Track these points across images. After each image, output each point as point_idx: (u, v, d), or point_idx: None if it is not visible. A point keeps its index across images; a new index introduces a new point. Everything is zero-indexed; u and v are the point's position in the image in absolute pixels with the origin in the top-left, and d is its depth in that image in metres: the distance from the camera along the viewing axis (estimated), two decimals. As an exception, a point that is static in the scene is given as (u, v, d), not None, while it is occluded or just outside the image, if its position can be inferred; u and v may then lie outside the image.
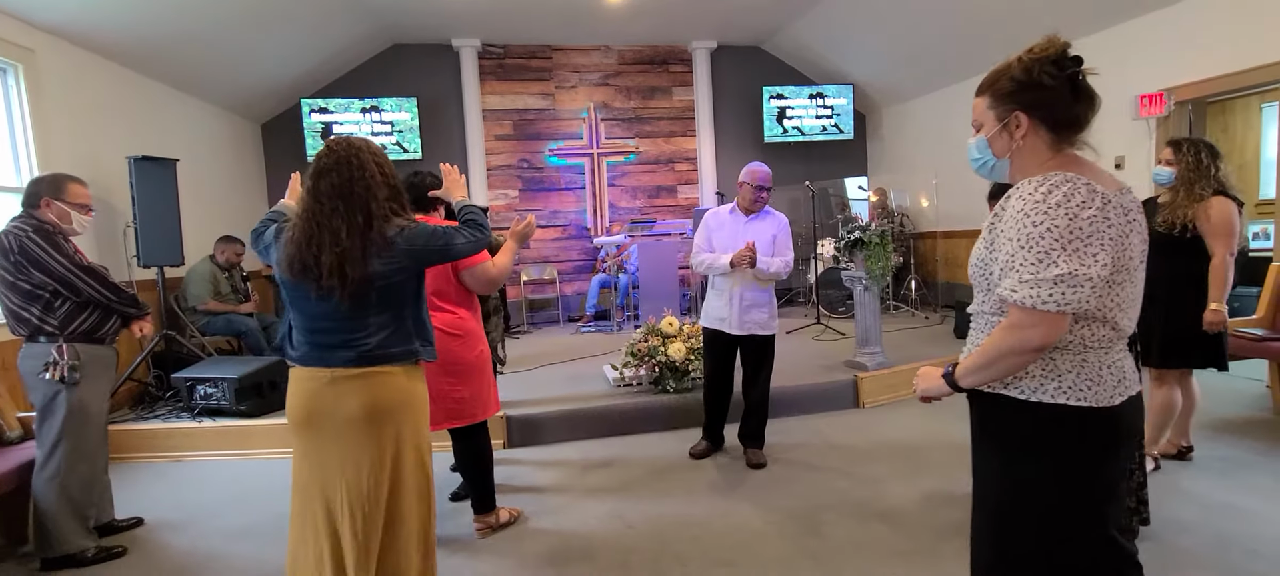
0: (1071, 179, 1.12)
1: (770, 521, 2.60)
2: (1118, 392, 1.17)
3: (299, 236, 1.58)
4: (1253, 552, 2.19)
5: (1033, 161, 1.23)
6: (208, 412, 3.84)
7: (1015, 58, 1.21)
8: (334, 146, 1.61)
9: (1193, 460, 2.96)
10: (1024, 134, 1.22)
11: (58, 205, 2.43)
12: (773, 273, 3.04)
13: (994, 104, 1.25)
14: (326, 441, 1.62)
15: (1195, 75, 4.30)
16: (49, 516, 2.40)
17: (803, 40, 7.23)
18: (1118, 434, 1.18)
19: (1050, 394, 1.17)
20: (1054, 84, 1.18)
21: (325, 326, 1.62)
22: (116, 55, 4.50)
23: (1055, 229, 1.10)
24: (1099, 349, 1.17)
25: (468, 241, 1.76)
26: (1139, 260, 1.20)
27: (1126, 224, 1.16)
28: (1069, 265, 1.09)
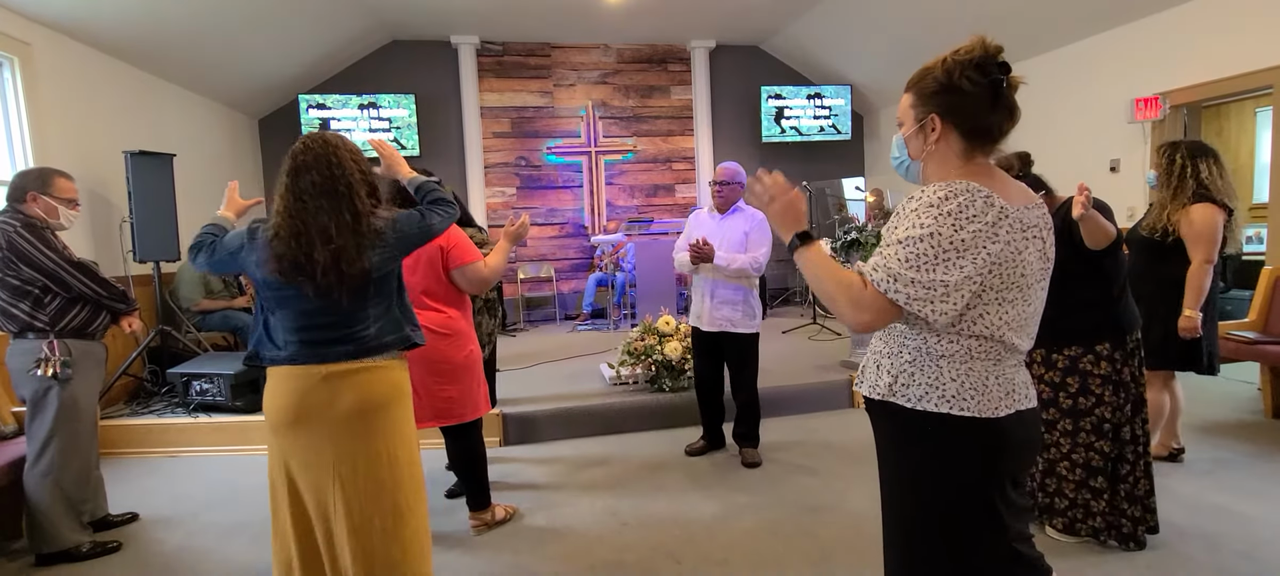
0: (971, 189, 1.10)
1: (764, 520, 2.61)
2: (1004, 405, 1.16)
3: (286, 234, 1.55)
4: (1244, 554, 2.20)
5: (942, 167, 1.20)
6: (203, 408, 3.84)
7: (940, 58, 1.18)
8: (310, 143, 1.59)
9: (1183, 462, 2.98)
10: (937, 138, 1.19)
11: (45, 200, 2.41)
12: (736, 268, 3.03)
13: (917, 103, 1.22)
14: (317, 440, 1.60)
15: (1190, 79, 4.33)
16: (42, 512, 2.39)
17: (801, 41, 7.25)
18: (1002, 445, 1.17)
19: (933, 402, 1.16)
20: (973, 90, 1.14)
21: (320, 323, 1.61)
22: (113, 49, 4.49)
23: (939, 236, 1.09)
24: (986, 360, 1.16)
25: (442, 218, 1.76)
26: (1035, 277, 1.17)
27: (1023, 240, 1.14)
28: (933, 274, 1.09)
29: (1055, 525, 2.33)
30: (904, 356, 1.21)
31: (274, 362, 1.64)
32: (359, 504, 1.60)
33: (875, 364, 1.28)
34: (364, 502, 1.61)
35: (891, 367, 1.23)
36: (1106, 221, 2.09)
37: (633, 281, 6.12)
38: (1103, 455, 2.22)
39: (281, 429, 1.62)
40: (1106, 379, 2.21)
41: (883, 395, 1.23)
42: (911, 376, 1.19)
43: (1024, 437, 1.21)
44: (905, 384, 1.20)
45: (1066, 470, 2.28)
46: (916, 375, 1.19)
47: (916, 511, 1.24)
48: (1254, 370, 3.84)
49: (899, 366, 1.21)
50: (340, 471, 1.60)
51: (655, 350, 3.92)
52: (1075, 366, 2.23)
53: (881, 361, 1.26)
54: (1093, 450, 2.23)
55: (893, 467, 1.28)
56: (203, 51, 5.12)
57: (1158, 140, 4.58)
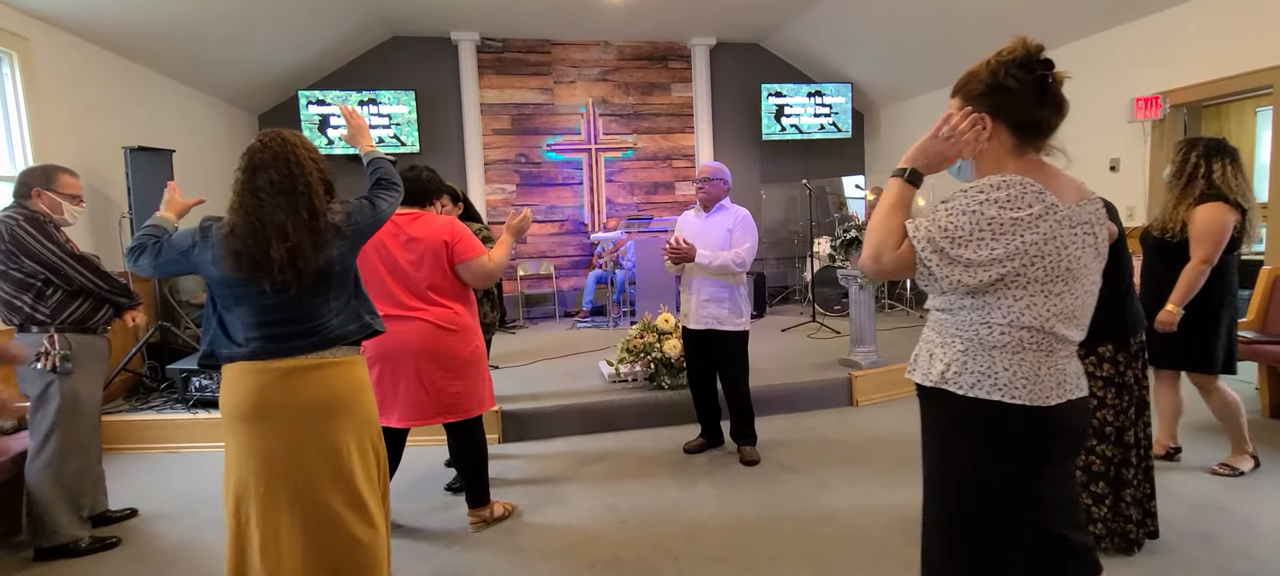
0: (1023, 182, 1.15)
1: (763, 518, 2.62)
2: (1055, 394, 1.20)
3: (243, 231, 1.56)
4: (1239, 553, 2.21)
5: (995, 163, 1.25)
6: (202, 404, 3.84)
7: (985, 60, 1.23)
8: (268, 141, 1.61)
9: (1179, 461, 2.99)
10: (989, 136, 1.24)
11: (49, 195, 2.44)
12: (718, 265, 3.03)
13: (965, 104, 1.26)
14: (274, 435, 1.60)
15: (1190, 79, 4.32)
16: (43, 506, 2.40)
17: (802, 38, 7.24)
18: (1053, 433, 1.21)
19: (985, 390, 1.20)
20: (1019, 87, 1.19)
21: (281, 318, 1.61)
22: (112, 45, 4.48)
23: (979, 216, 1.14)
24: (1037, 351, 1.20)
25: (389, 202, 1.79)
26: (1082, 270, 1.21)
27: (1070, 235, 1.18)
28: (961, 250, 1.16)
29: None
30: (956, 346, 1.24)
31: (232, 359, 1.64)
32: (311, 497, 1.61)
33: (928, 352, 1.31)
34: (317, 496, 1.61)
35: (944, 356, 1.26)
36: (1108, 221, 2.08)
37: (632, 279, 6.12)
38: (1104, 459, 2.20)
39: (239, 424, 1.61)
40: (1109, 381, 2.19)
41: (935, 382, 1.27)
42: (964, 365, 1.23)
43: (1074, 425, 1.25)
44: (958, 372, 1.23)
45: (1066, 472, 2.28)
46: (969, 364, 1.22)
47: (964, 495, 1.26)
48: (1252, 370, 3.84)
49: (952, 355, 1.25)
50: (296, 465, 1.61)
51: (654, 348, 3.92)
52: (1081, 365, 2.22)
53: (934, 350, 1.29)
54: (1094, 454, 2.21)
55: (942, 453, 1.30)
56: (202, 47, 5.11)
57: (1158, 140, 4.58)
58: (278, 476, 1.61)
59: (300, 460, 1.61)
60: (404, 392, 2.33)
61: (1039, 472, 1.22)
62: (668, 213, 7.60)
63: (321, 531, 1.62)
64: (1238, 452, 2.87)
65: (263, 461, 1.61)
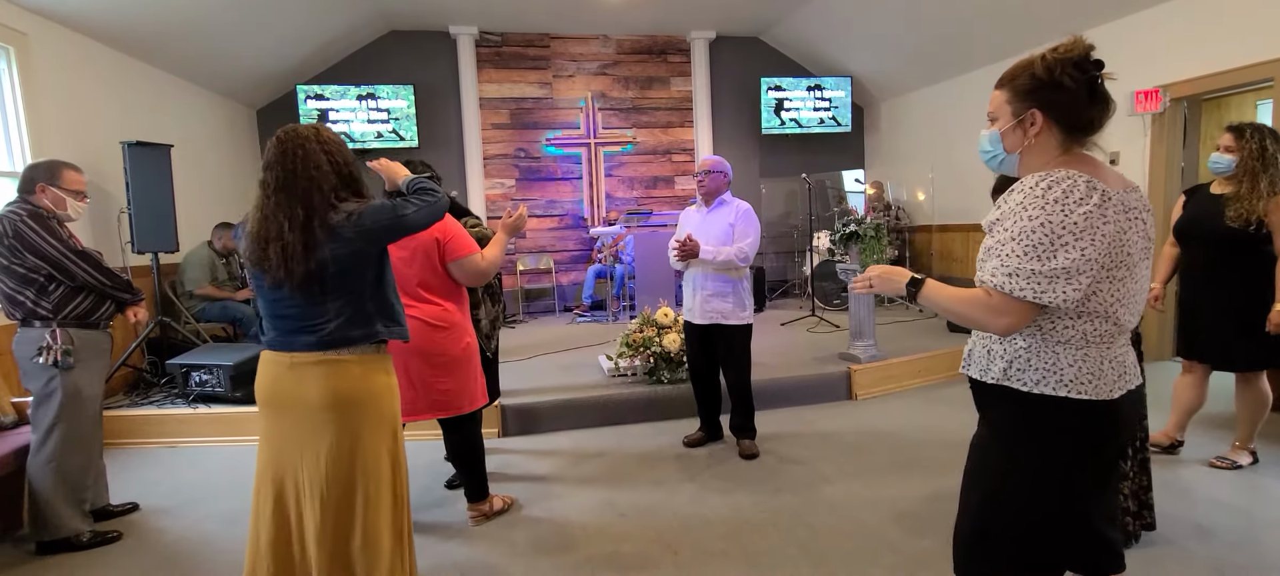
0: (1072, 176, 1.15)
1: (761, 512, 2.63)
2: (1118, 386, 1.21)
3: (252, 229, 1.61)
4: (1237, 547, 2.22)
5: (1041, 160, 1.25)
6: (203, 399, 3.85)
7: (1039, 55, 1.22)
8: (281, 138, 1.61)
9: (1179, 455, 3.00)
10: (1038, 132, 1.23)
11: (53, 191, 2.44)
12: (721, 261, 3.03)
13: (1012, 99, 1.26)
14: (288, 425, 1.65)
15: (1191, 72, 4.31)
16: (44, 500, 2.41)
17: (802, 32, 7.21)
18: (1115, 426, 1.23)
19: (1052, 387, 1.20)
20: (1073, 86, 1.19)
21: (286, 312, 1.64)
22: (110, 39, 4.47)
23: (1049, 224, 1.13)
24: (1100, 343, 1.20)
25: (418, 209, 1.70)
26: (1140, 256, 1.22)
27: (1126, 221, 1.19)
28: (1053, 261, 1.13)
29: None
30: (1018, 342, 1.24)
31: (262, 345, 1.73)
32: (319, 491, 1.63)
33: (985, 349, 1.30)
34: (323, 491, 1.63)
35: (1005, 353, 1.26)
36: None
37: (632, 273, 6.12)
38: None
39: (262, 409, 1.70)
40: None
41: (997, 380, 1.26)
42: (1027, 362, 1.22)
43: (1132, 415, 1.28)
44: (1021, 369, 1.23)
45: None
46: (1032, 360, 1.22)
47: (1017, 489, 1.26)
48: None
49: (1014, 352, 1.24)
50: (305, 460, 1.64)
51: (654, 342, 3.92)
52: None
53: (993, 347, 1.29)
54: None
55: (996, 446, 1.31)
56: (200, 42, 5.09)
57: (1158, 133, 4.57)
58: (291, 464, 1.65)
59: (306, 454, 1.63)
60: None
61: (1088, 463, 1.23)
62: (667, 207, 7.59)
63: (325, 525, 1.63)
64: (1241, 446, 2.84)
65: (278, 450, 1.67)
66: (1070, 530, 1.27)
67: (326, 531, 1.63)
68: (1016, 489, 1.26)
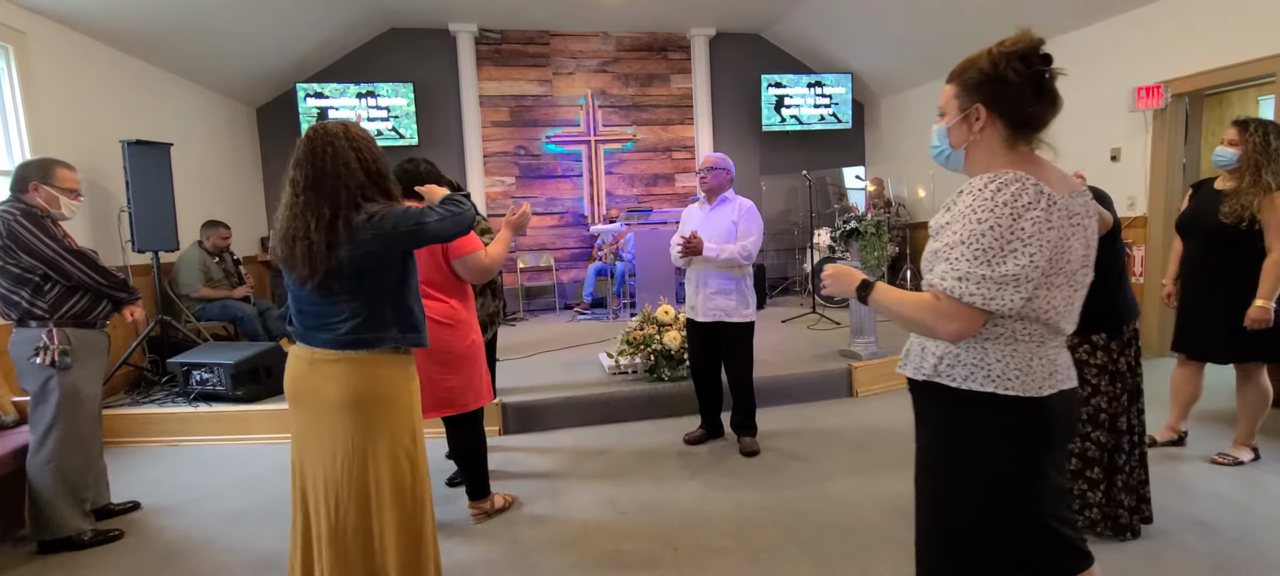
0: (1021, 178, 1.14)
1: (763, 509, 2.63)
2: (1047, 385, 1.21)
3: (282, 227, 1.62)
4: (1236, 541, 2.22)
5: (987, 156, 1.24)
6: (204, 397, 3.85)
7: (985, 49, 1.21)
8: (310, 136, 1.61)
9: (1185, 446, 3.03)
10: (982, 127, 1.22)
11: (46, 189, 2.43)
12: (725, 259, 3.03)
13: (959, 93, 1.25)
14: (308, 420, 1.68)
15: (1192, 67, 4.30)
16: (45, 500, 2.41)
17: (802, 28, 7.20)
18: (1045, 424, 1.21)
19: (979, 382, 1.21)
20: (1017, 80, 1.17)
21: (308, 309, 1.67)
22: (109, 38, 4.46)
23: (998, 227, 1.12)
24: (1030, 342, 1.20)
25: (440, 219, 1.68)
26: (1079, 264, 1.21)
27: (1069, 227, 1.17)
28: (1003, 267, 1.13)
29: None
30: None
31: (291, 337, 1.76)
32: (335, 491, 1.64)
33: (919, 345, 1.31)
34: (339, 491, 1.64)
35: (937, 349, 1.26)
36: (1103, 210, 2.08)
37: (632, 271, 6.11)
38: (1099, 445, 2.22)
39: (289, 402, 1.73)
40: (1103, 369, 2.21)
41: (928, 376, 1.27)
42: (957, 358, 1.23)
43: (1066, 415, 1.26)
44: (950, 365, 1.24)
45: (1062, 459, 2.29)
46: (962, 356, 1.23)
47: (957, 487, 1.28)
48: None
49: (944, 348, 1.25)
50: (322, 456, 1.65)
51: (654, 340, 3.92)
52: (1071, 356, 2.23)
53: (926, 343, 1.29)
54: (1088, 441, 2.23)
55: (935, 446, 1.32)
56: (199, 40, 5.08)
57: (1160, 129, 4.56)
58: (310, 461, 1.67)
59: (323, 452, 1.65)
60: None
61: (1031, 462, 1.22)
62: (667, 205, 7.59)
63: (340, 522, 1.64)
64: (1242, 443, 2.84)
65: (300, 445, 1.70)
66: (1026, 529, 1.25)
67: (338, 531, 1.63)
68: (960, 487, 1.27)
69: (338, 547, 1.64)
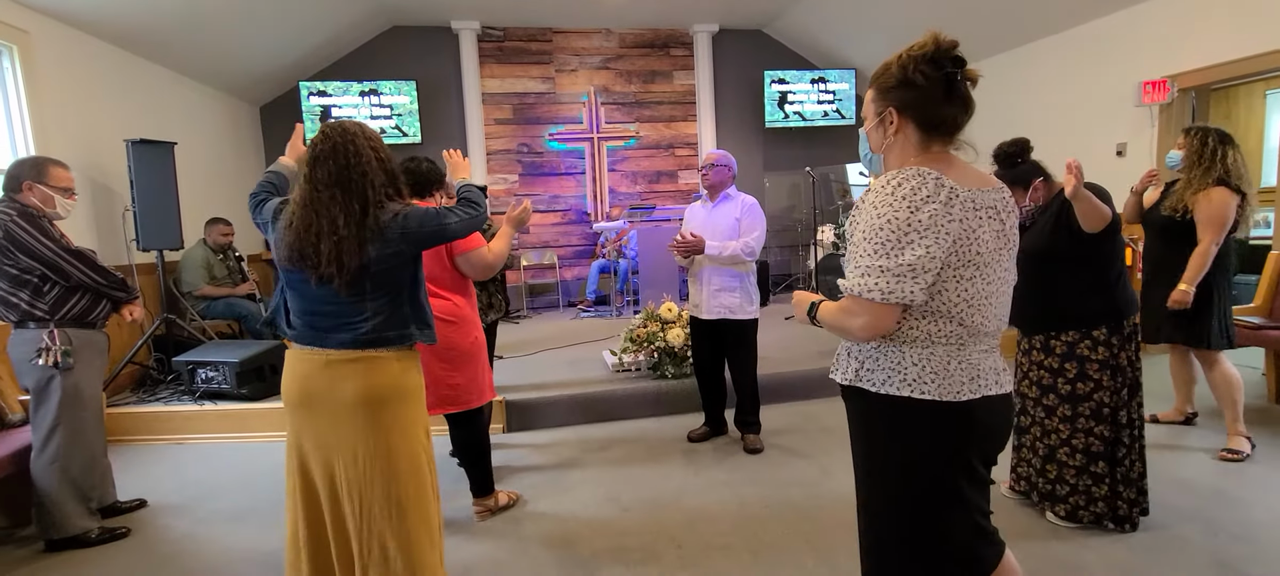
0: (921, 173, 1.15)
1: (766, 505, 2.63)
2: (967, 389, 1.19)
3: (299, 225, 1.58)
4: (1239, 537, 2.21)
5: (902, 158, 1.25)
6: (209, 396, 3.86)
7: (897, 54, 1.22)
8: (329, 132, 1.61)
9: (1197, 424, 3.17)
10: (896, 130, 1.24)
11: (41, 189, 2.41)
12: (728, 256, 3.03)
13: (876, 97, 1.27)
14: (323, 423, 1.64)
15: (1199, 62, 4.27)
16: (51, 499, 2.42)
17: (805, 24, 7.17)
18: (965, 429, 1.21)
19: (896, 387, 1.21)
20: (925, 84, 1.18)
21: (323, 310, 1.63)
22: (112, 37, 4.47)
23: (895, 221, 1.14)
24: (947, 344, 1.20)
25: (460, 220, 1.73)
26: (991, 257, 1.20)
27: (977, 220, 1.18)
28: (900, 258, 1.14)
29: (1057, 512, 2.33)
30: (868, 345, 1.26)
31: (287, 338, 1.71)
32: (358, 491, 1.63)
33: (846, 350, 1.33)
34: (362, 491, 1.63)
35: (858, 354, 1.29)
36: (1101, 203, 2.07)
37: (635, 268, 6.11)
38: (1102, 440, 2.23)
39: (293, 408, 1.67)
40: (1104, 364, 2.21)
41: (850, 381, 1.30)
42: (876, 362, 1.25)
43: (991, 423, 1.24)
44: (870, 370, 1.26)
45: (1066, 456, 2.28)
46: (880, 360, 1.24)
47: (882, 490, 1.30)
48: (1259, 355, 3.82)
49: (864, 354, 1.27)
50: (342, 457, 1.63)
51: (657, 337, 3.92)
52: (1073, 351, 2.23)
53: (851, 348, 1.32)
54: (1092, 436, 2.24)
55: (861, 449, 1.35)
56: (202, 38, 5.09)
57: (1166, 124, 4.53)
58: (327, 462, 1.64)
59: (342, 453, 1.62)
60: None
61: (952, 465, 1.22)
62: (671, 202, 7.58)
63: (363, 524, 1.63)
64: (1234, 434, 2.91)
65: (310, 450, 1.65)
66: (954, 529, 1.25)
67: (365, 531, 1.63)
68: (888, 491, 1.28)
69: (363, 547, 1.63)
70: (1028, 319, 2.35)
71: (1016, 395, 2.46)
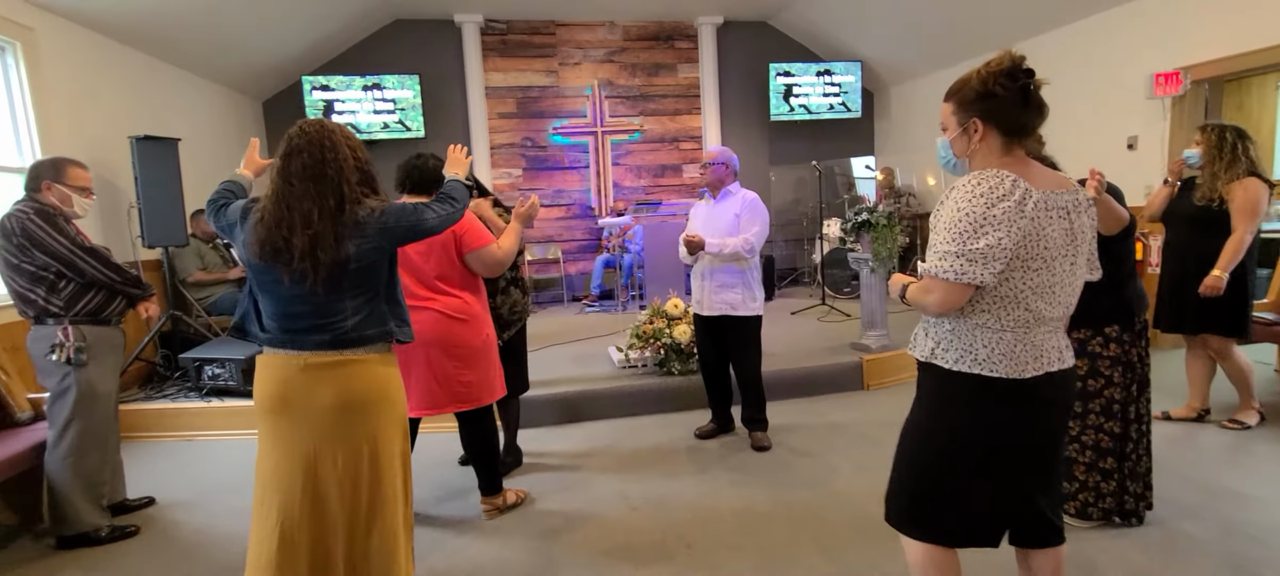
0: (999, 173, 1.30)
1: (775, 504, 2.62)
2: (1031, 367, 1.35)
3: (269, 219, 1.54)
4: (1253, 539, 2.19)
5: (985, 161, 1.39)
6: (216, 392, 3.87)
7: (975, 70, 1.38)
8: (305, 127, 1.59)
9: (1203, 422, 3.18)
10: (981, 137, 1.38)
11: (59, 188, 2.44)
12: (729, 253, 3.01)
13: (957, 110, 1.41)
14: (301, 428, 1.60)
15: (1212, 54, 4.21)
16: (63, 496, 2.44)
17: (811, 16, 7.11)
18: (1028, 402, 1.36)
19: (968, 365, 1.36)
20: (1006, 94, 1.33)
21: (298, 310, 1.59)
22: (116, 33, 4.46)
23: (973, 214, 1.29)
24: (1016, 328, 1.34)
25: (437, 216, 1.70)
26: (1059, 252, 1.34)
27: (1047, 218, 1.31)
28: (973, 244, 1.28)
29: (1067, 509, 2.32)
30: (945, 326, 1.42)
31: (258, 342, 1.66)
32: (336, 494, 1.61)
33: (923, 331, 1.49)
34: (340, 494, 1.61)
35: (934, 334, 1.44)
36: (1119, 206, 2.09)
37: (640, 262, 6.09)
38: (1111, 436, 2.24)
39: (267, 414, 1.63)
40: (1115, 360, 2.22)
41: (926, 357, 1.45)
42: (950, 342, 1.40)
43: (1052, 396, 1.39)
44: (945, 349, 1.40)
45: (1076, 452, 2.29)
46: (954, 341, 1.39)
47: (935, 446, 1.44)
48: (1271, 351, 3.79)
49: (940, 334, 1.43)
50: (319, 461, 1.60)
51: (664, 333, 3.91)
52: (1084, 348, 2.24)
53: (928, 329, 1.48)
54: (1102, 432, 2.25)
55: (924, 411, 1.48)
56: (205, 34, 5.07)
57: (1178, 116, 4.48)
58: (300, 470, 1.60)
59: (321, 456, 1.60)
60: (416, 383, 2.33)
61: (1003, 432, 1.38)
62: (675, 196, 7.55)
63: (344, 525, 1.62)
64: (1245, 408, 3.12)
65: (286, 455, 1.61)
66: (999, 500, 1.41)
67: (349, 532, 1.62)
68: (936, 455, 1.43)
69: (348, 549, 1.62)
70: None
71: None
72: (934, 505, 1.44)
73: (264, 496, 1.63)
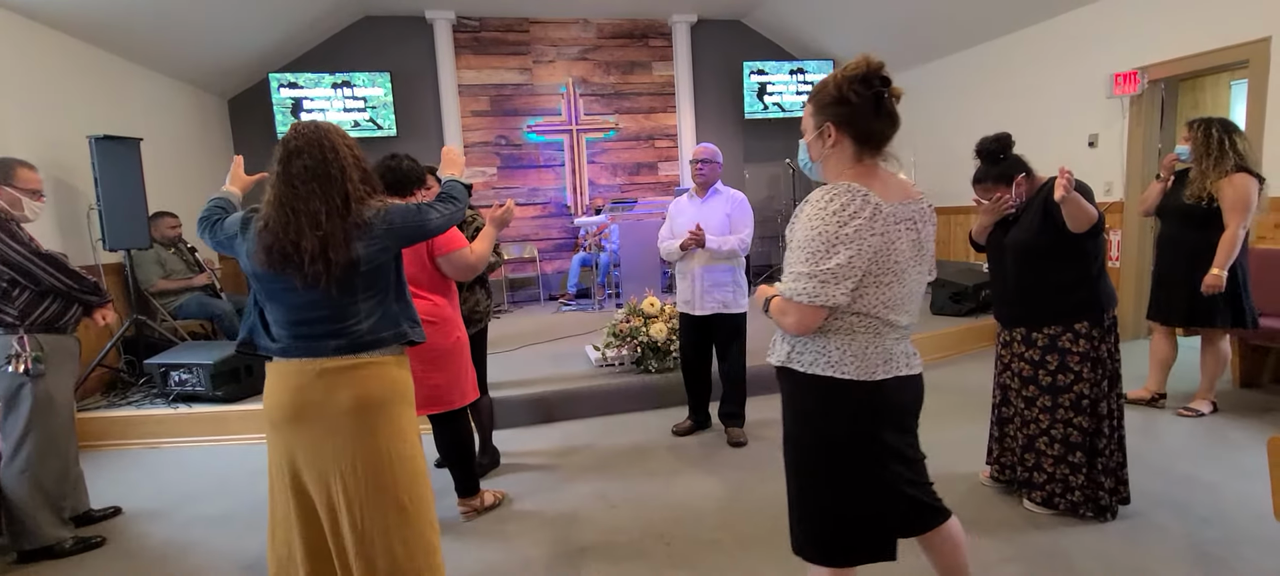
0: (852, 189, 1.30)
1: (752, 498, 2.65)
2: (881, 371, 1.38)
3: (274, 224, 1.51)
4: (1206, 520, 2.29)
5: (838, 167, 1.40)
6: (183, 398, 3.78)
7: (833, 73, 1.38)
8: (301, 129, 1.57)
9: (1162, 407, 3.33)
10: (833, 143, 1.38)
11: (7, 191, 2.34)
12: (727, 250, 3.05)
13: (815, 113, 1.41)
14: (318, 435, 1.58)
15: (1169, 54, 4.37)
16: (22, 509, 2.36)
17: (784, 14, 7.18)
18: (877, 405, 1.39)
19: (821, 368, 1.39)
20: (858, 101, 1.33)
21: (312, 316, 1.57)
22: (72, 28, 4.30)
23: (825, 233, 1.29)
24: (866, 334, 1.38)
25: (440, 216, 1.69)
26: (908, 263, 1.37)
27: (896, 232, 1.33)
28: (826, 264, 1.30)
29: (1033, 498, 2.40)
30: None
31: (268, 354, 1.63)
32: (360, 501, 1.58)
33: (781, 336, 1.51)
34: (365, 500, 1.58)
35: (789, 339, 1.46)
36: (1088, 204, 2.12)
37: (617, 261, 6.10)
38: (1081, 431, 2.28)
39: (282, 424, 1.59)
40: (1085, 356, 2.26)
41: (782, 362, 1.47)
42: (805, 346, 1.42)
43: (901, 398, 1.43)
44: (799, 353, 1.43)
45: (1045, 445, 2.34)
46: (809, 345, 1.41)
47: (807, 456, 1.47)
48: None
49: (794, 338, 1.45)
50: (341, 468, 1.58)
51: (640, 332, 3.92)
52: (1054, 344, 2.28)
53: (783, 334, 1.49)
54: (1071, 426, 2.28)
55: (791, 422, 1.50)
56: (166, 28, 4.92)
57: (1136, 115, 4.64)
58: (324, 475, 1.58)
59: (341, 463, 1.57)
60: None
61: (869, 434, 1.40)
62: (651, 194, 7.56)
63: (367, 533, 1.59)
64: (1202, 397, 3.24)
65: (308, 461, 1.59)
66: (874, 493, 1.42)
67: (372, 539, 1.59)
68: (814, 459, 1.45)
69: (373, 556, 1.59)
70: (1011, 312, 2.39)
71: (998, 387, 2.51)
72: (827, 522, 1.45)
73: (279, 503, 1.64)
